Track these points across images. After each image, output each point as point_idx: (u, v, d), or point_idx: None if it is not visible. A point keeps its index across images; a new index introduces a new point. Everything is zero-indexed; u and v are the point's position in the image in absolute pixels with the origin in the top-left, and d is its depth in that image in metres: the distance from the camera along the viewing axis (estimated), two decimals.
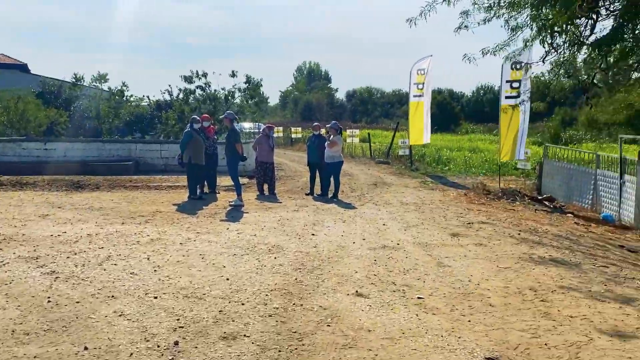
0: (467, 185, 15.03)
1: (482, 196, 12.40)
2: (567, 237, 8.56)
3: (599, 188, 11.98)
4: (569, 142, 37.33)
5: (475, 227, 8.73)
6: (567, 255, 7.09)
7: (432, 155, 21.55)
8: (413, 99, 18.12)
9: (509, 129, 14.04)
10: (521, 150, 14.08)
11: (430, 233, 8.20)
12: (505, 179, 16.23)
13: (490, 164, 20.51)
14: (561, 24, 6.74)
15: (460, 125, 57.74)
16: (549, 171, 13.97)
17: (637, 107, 11.65)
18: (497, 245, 7.50)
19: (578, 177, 12.77)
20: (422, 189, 13.88)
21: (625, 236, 9.72)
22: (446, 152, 23.85)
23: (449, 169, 19.22)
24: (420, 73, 17.91)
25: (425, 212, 10.10)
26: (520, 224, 9.37)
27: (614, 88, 10.36)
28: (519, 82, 13.97)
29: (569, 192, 13.02)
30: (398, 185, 14.36)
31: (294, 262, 6.20)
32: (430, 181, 15.61)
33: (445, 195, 12.78)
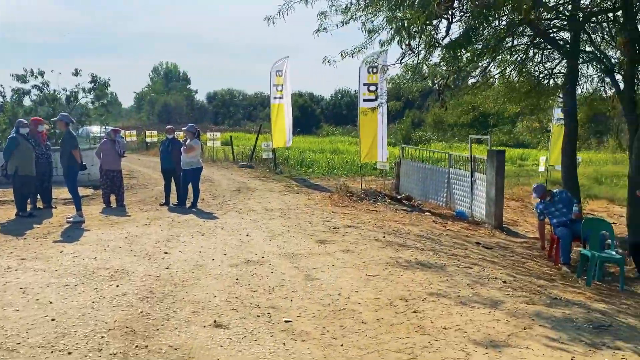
0: (331, 187, 14.93)
1: (346, 198, 12.30)
2: (429, 237, 8.63)
3: (452, 186, 12.49)
4: (418, 142, 39.78)
5: (342, 232, 8.45)
6: (431, 257, 7.03)
7: (296, 157, 21.37)
8: (274, 101, 17.70)
9: (369, 131, 14.18)
10: (383, 152, 14.30)
11: (297, 242, 7.74)
12: (365, 180, 16.46)
13: (351, 165, 20.84)
14: (419, 24, 6.65)
15: (321, 127, 59.03)
16: (405, 171, 14.36)
17: (482, 110, 12.29)
18: (364, 250, 7.25)
19: (433, 176, 13.24)
20: (287, 193, 13.47)
21: (479, 232, 10.13)
22: (309, 154, 23.86)
23: (313, 171, 19.13)
24: (279, 75, 17.54)
25: (291, 219, 9.64)
26: (383, 225, 9.30)
27: (463, 90, 10.72)
28: (375, 86, 14.16)
29: (425, 191, 13.46)
30: (262, 190, 13.81)
31: (141, 289, 5.31)
32: (295, 184, 15.29)
33: (310, 198, 12.48)
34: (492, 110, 13.02)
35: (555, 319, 4.68)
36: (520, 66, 10.77)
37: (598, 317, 4.81)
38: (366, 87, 14.11)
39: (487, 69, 10.16)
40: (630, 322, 4.86)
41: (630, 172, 8.53)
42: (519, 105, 11.51)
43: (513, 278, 6.27)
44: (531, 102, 11.03)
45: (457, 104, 14.07)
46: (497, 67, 10.77)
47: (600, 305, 5.41)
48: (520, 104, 11.30)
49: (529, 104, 11.17)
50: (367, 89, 14.11)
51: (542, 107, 11.95)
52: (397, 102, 14.61)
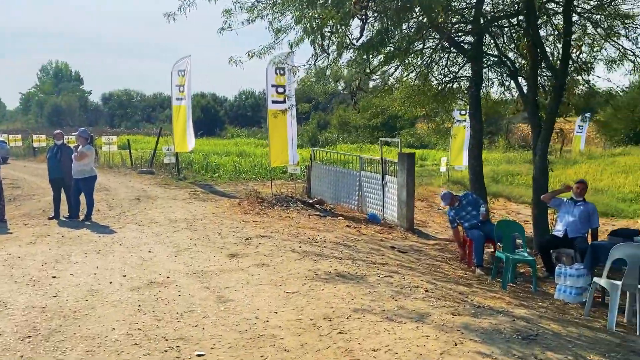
0: (239, 193, 14.32)
1: (257, 205, 11.77)
2: (345, 244, 8.36)
3: (363, 189, 12.39)
4: (325, 144, 40.01)
5: (255, 244, 7.94)
6: (351, 267, 6.73)
7: (200, 162, 20.43)
8: (176, 102, 16.74)
9: (278, 134, 13.74)
10: (294, 155, 13.92)
11: (206, 256, 7.12)
12: (275, 184, 16.01)
13: (259, 169, 20.30)
14: (335, 23, 6.33)
15: (225, 129, 57.80)
16: (317, 174, 14.10)
17: (391, 112, 12.30)
18: (280, 263, 6.80)
19: (344, 179, 13.08)
20: (193, 200, 12.69)
21: (392, 235, 10.06)
22: (214, 157, 22.96)
23: (219, 176, 18.36)
24: (181, 74, 16.63)
25: (198, 230, 8.97)
26: (298, 233, 8.91)
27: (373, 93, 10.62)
28: (284, 87, 13.77)
29: (337, 194, 13.27)
30: (165, 198, 12.91)
31: (22, 326, 4.49)
32: (201, 191, 14.51)
33: (218, 206, 11.82)
34: (400, 112, 13.06)
35: (484, 331, 4.52)
36: (426, 70, 10.85)
37: (524, 326, 4.72)
38: (274, 88, 13.67)
39: (396, 71, 10.10)
40: (554, 328, 4.82)
41: (535, 174, 8.80)
42: (426, 108, 11.62)
43: (434, 285, 6.11)
44: (437, 105, 11.14)
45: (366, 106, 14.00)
46: (404, 70, 10.77)
47: (522, 311, 5.36)
48: (427, 107, 11.40)
49: (434, 107, 11.30)
50: (275, 91, 13.67)
51: (447, 109, 12.17)
52: (307, 104, 14.29)
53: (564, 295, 6.37)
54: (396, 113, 13.61)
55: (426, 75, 10.97)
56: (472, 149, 9.98)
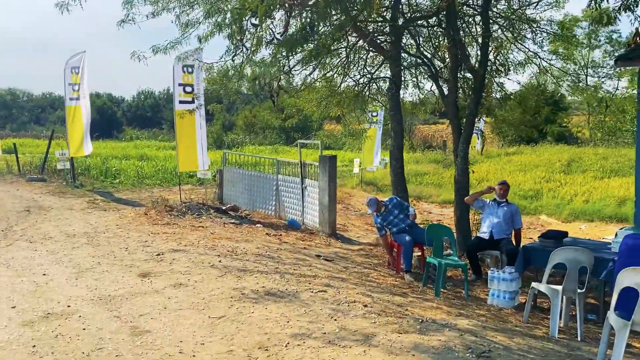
0: (144, 201, 13.23)
1: (165, 214, 10.84)
2: (269, 255, 7.79)
3: (281, 194, 11.87)
4: (231, 146, 38.92)
5: (168, 259, 7.15)
6: (279, 282, 6.18)
7: (99, 167, 18.80)
8: (70, 102, 15.19)
9: (187, 136, 12.84)
10: (204, 159, 13.07)
11: (113, 277, 6.25)
12: (183, 190, 15.05)
13: (164, 174, 19.08)
14: (260, 15, 5.75)
15: (123, 131, 54.74)
16: (230, 179, 13.35)
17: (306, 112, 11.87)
18: (200, 282, 6.11)
19: (260, 184, 12.47)
20: (92, 210, 11.48)
21: (315, 242, 9.64)
22: (114, 162, 21.34)
23: (120, 182, 16.96)
24: (75, 72, 15.14)
25: (102, 245, 7.98)
26: (216, 245, 8.21)
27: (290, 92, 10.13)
28: (192, 87, 12.91)
29: (253, 200, 12.63)
30: (60, 208, 11.57)
31: None
32: (101, 199, 13.22)
33: (122, 216, 10.75)
34: (315, 114, 12.67)
35: (435, 350, 4.18)
36: (344, 70, 10.55)
37: (473, 341, 4.44)
38: (182, 87, 12.73)
39: (314, 71, 9.68)
40: (502, 340, 4.60)
41: (456, 175, 8.75)
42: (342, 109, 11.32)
43: (371, 298, 5.73)
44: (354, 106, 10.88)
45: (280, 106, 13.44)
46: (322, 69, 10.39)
47: (464, 322, 5.12)
48: (345, 108, 11.11)
49: (352, 108, 11.03)
50: (182, 90, 12.74)
51: (364, 111, 11.96)
52: (218, 104, 13.53)
53: (498, 300, 6.26)
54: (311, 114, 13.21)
55: (344, 76, 10.69)
56: (393, 150, 9.79)
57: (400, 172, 9.80)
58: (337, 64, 10.66)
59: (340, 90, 10.69)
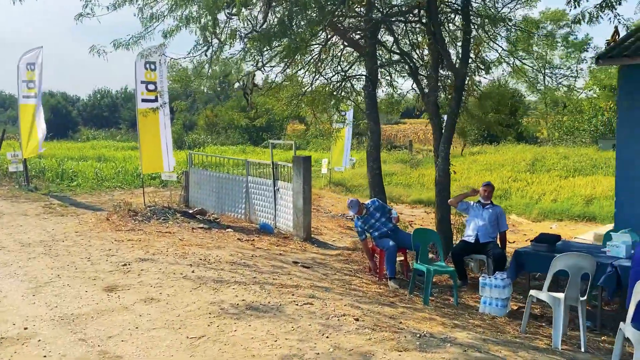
0: (105, 205, 12.51)
1: (129, 219, 10.19)
2: (244, 263, 7.31)
3: (251, 196, 11.37)
4: (192, 146, 37.93)
5: (136, 270, 6.58)
6: (260, 294, 5.72)
7: (54, 169, 17.79)
8: (24, 100, 14.24)
9: (150, 136, 12.18)
10: (169, 160, 12.44)
11: (76, 292, 5.67)
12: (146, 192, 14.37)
13: (124, 175, 18.23)
14: (238, 5, 5.28)
15: (79, 131, 52.85)
16: (196, 181, 12.74)
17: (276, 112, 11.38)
18: (174, 295, 5.59)
19: (228, 186, 11.93)
20: (49, 216, 10.71)
21: (290, 247, 9.20)
22: (70, 163, 20.31)
23: (78, 185, 16.05)
24: (30, 68, 14.22)
25: (61, 255, 7.33)
26: (186, 253, 7.66)
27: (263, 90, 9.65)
28: (154, 84, 12.26)
29: (221, 202, 12.08)
30: (13, 214, 10.75)
31: None
32: (58, 203, 12.40)
33: (81, 222, 10.04)
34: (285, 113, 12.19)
35: None
36: (316, 67, 10.17)
37: (478, 358, 4.12)
38: (144, 85, 12.07)
39: (287, 68, 9.25)
40: (507, 355, 4.30)
41: (437, 176, 8.48)
42: (315, 109, 10.92)
43: (360, 311, 5.34)
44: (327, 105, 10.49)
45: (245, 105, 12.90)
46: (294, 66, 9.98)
47: (463, 335, 4.79)
48: (317, 108, 10.71)
49: (325, 107, 10.64)
50: (145, 88, 12.08)
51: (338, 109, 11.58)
52: (182, 102, 12.89)
53: (490, 308, 5.98)
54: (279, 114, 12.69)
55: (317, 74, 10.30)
56: (370, 151, 9.46)
57: (378, 172, 9.49)
58: (310, 61, 10.28)
59: (313, 88, 10.29)
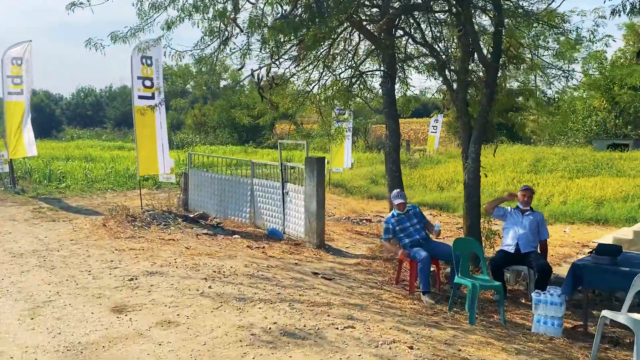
0: (99, 208, 11.72)
1: (127, 225, 9.43)
2: (262, 276, 6.63)
3: (257, 199, 10.67)
4: (181, 146, 36.97)
5: (144, 286, 5.86)
6: (292, 315, 5.05)
7: (41, 169, 16.87)
8: (9, 97, 13.35)
9: (146, 136, 11.41)
10: (165, 161, 11.69)
11: (80, 315, 4.94)
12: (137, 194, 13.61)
13: (115, 176, 17.37)
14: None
15: (63, 130, 51.60)
16: (196, 183, 12.00)
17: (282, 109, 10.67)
18: (194, 318, 4.89)
19: (232, 188, 11.21)
20: (39, 221, 9.90)
21: (304, 256, 8.54)
22: (58, 164, 19.39)
23: (68, 186, 15.17)
24: (17, 63, 13.36)
25: (57, 268, 6.58)
26: (197, 264, 6.95)
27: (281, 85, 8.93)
28: (151, 80, 11.52)
29: (223, 206, 11.35)
30: (0, 219, 9.95)
31: None
32: (48, 207, 11.57)
33: (76, 228, 9.26)
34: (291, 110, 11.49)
35: None
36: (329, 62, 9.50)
37: None
38: (141, 81, 11.31)
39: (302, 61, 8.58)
40: None
41: (466, 179, 7.87)
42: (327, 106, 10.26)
43: (409, 335, 4.69)
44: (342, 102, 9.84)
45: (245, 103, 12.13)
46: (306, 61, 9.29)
47: None
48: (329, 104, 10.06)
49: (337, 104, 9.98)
50: (142, 84, 11.32)
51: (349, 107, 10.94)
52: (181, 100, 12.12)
53: (546, 327, 5.37)
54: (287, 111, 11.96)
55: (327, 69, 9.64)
56: (389, 152, 8.82)
57: (397, 175, 8.86)
58: (319, 56, 9.60)
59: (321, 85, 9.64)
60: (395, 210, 7.02)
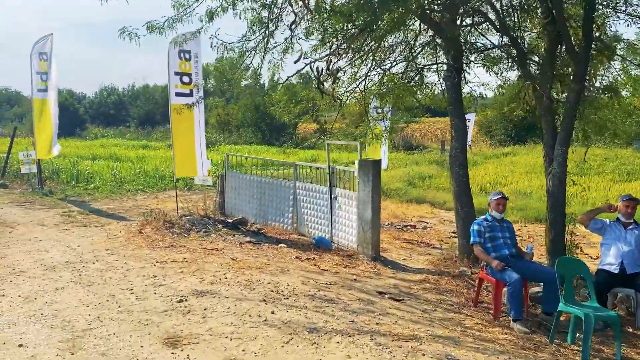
0: (131, 212, 11.03)
1: (165, 231, 8.70)
2: (325, 297, 5.79)
3: (300, 204, 9.85)
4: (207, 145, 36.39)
5: (197, 309, 5.07)
6: (378, 353, 4.19)
7: (69, 169, 16.30)
8: (37, 94, 12.77)
9: (184, 135, 10.68)
10: (203, 163, 10.95)
11: (128, 348, 4.15)
12: (169, 196, 12.91)
13: (145, 177, 16.72)
14: None
15: (87, 129, 51.55)
16: (234, 185, 11.22)
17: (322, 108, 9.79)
18: (263, 355, 4.07)
19: (272, 192, 10.41)
20: (70, 226, 9.23)
21: (360, 270, 7.68)
22: (85, 163, 18.85)
23: (96, 187, 14.56)
24: (43, 59, 12.76)
25: (95, 285, 5.83)
26: (250, 282, 6.15)
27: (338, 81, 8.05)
28: (189, 76, 10.78)
29: (263, 211, 10.56)
30: (28, 224, 9.29)
31: None
32: (78, 210, 10.92)
33: (110, 235, 8.55)
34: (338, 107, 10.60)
35: None
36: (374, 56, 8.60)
37: None
38: (178, 77, 10.58)
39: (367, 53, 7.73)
40: None
41: (550, 186, 6.93)
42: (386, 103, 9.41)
43: None
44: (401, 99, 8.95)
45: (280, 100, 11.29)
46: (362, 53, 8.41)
47: None
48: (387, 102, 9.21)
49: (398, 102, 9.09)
50: (179, 80, 10.58)
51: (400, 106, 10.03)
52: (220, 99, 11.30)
53: None
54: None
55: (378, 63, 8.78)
56: (455, 154, 7.93)
57: (464, 180, 7.96)
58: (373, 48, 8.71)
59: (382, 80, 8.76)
60: (489, 215, 6.13)
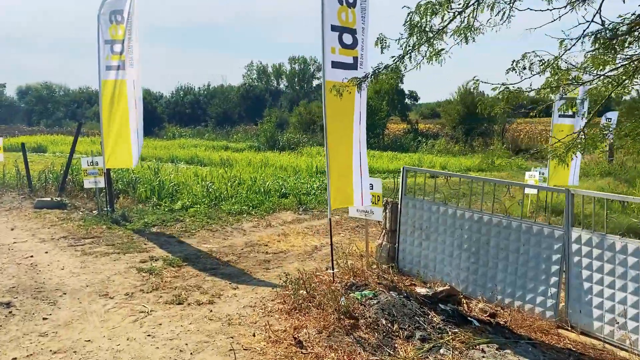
0: (246, 262, 6.61)
1: (347, 339, 4.15)
2: None
3: (576, 274, 5.06)
4: (286, 146, 32.02)
5: None
6: None
7: (148, 179, 12.25)
8: (107, 75, 8.60)
9: (339, 130, 6.17)
10: (364, 186, 6.42)
11: None
12: (282, 222, 8.51)
13: (247, 192, 12.31)
14: None
15: (164, 128, 49.20)
16: (417, 222, 6.55)
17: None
18: None
19: (507, 241, 5.69)
20: (153, 298, 4.91)
21: None
22: (167, 168, 14.91)
23: (186, 208, 10.29)
24: (117, 22, 8.55)
25: None
26: None
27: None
28: (352, 34, 6.28)
29: (482, 274, 5.85)
30: (84, 292, 5.09)
31: None
32: (164, 259, 6.63)
33: (236, 339, 4.11)
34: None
35: None
36: None
37: None
38: (336, 34, 6.08)
39: None
40: None
41: None
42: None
43: None
44: None
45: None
46: None
47: None
48: None
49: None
50: (338, 40, 6.09)
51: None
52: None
53: None
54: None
55: None
56: None
57: None
58: None
59: None
60: None
